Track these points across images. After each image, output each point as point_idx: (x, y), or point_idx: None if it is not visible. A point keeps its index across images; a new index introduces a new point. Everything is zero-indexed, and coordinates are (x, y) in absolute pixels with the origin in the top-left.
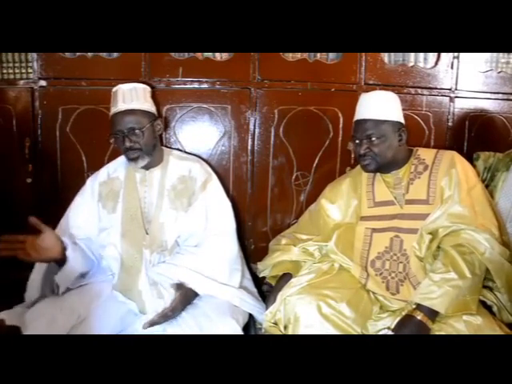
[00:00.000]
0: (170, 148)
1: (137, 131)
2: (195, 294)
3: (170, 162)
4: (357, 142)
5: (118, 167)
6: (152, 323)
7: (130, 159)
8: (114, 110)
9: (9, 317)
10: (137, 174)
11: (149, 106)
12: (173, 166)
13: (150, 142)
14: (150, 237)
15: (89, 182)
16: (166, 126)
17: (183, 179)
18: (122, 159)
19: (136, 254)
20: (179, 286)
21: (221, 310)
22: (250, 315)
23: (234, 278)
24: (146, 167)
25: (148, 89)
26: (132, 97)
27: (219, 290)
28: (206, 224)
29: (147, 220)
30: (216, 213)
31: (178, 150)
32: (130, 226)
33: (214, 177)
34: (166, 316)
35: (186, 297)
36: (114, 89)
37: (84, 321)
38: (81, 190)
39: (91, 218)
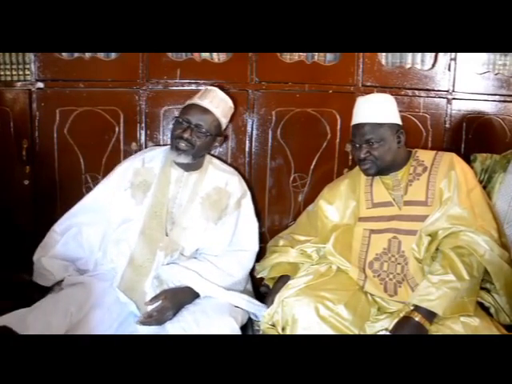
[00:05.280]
0: (212, 155)
1: (202, 131)
2: (192, 296)
3: (208, 170)
4: (356, 146)
5: (154, 157)
6: (142, 323)
7: (178, 148)
8: (197, 101)
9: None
10: (174, 171)
11: (224, 121)
12: (211, 174)
13: (203, 147)
14: (169, 239)
15: (123, 165)
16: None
17: (219, 190)
18: (159, 151)
19: (149, 254)
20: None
21: (219, 307)
22: (249, 317)
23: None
24: (185, 168)
25: (233, 110)
26: (219, 104)
27: (223, 294)
28: (231, 239)
29: (171, 221)
30: (245, 231)
31: (220, 158)
32: (151, 223)
33: (249, 194)
34: (152, 317)
35: (175, 299)
36: (211, 88)
37: (84, 321)
38: (110, 174)
39: (109, 207)
